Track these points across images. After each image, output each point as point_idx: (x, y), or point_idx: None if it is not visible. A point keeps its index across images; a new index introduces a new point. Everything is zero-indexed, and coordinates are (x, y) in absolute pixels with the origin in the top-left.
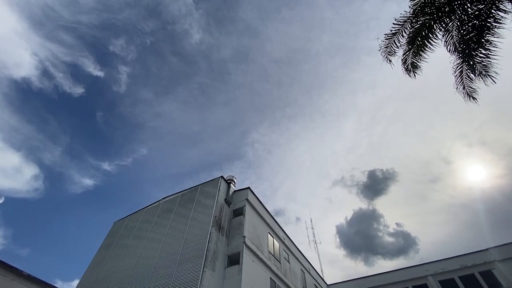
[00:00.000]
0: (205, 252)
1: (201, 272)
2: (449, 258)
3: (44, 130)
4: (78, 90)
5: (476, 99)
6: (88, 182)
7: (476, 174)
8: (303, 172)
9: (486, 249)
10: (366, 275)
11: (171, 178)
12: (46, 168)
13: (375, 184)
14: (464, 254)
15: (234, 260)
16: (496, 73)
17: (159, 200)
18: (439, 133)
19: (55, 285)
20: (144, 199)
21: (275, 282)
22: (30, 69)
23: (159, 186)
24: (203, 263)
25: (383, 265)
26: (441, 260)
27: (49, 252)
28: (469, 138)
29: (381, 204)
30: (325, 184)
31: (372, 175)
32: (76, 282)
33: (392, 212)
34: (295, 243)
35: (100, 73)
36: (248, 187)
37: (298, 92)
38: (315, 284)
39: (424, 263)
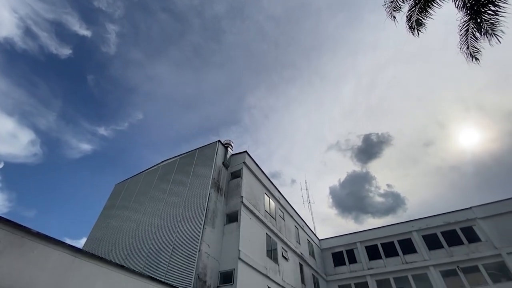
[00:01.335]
0: (205, 211)
1: (202, 228)
2: (433, 215)
3: (34, 94)
4: (65, 51)
5: (478, 59)
6: (86, 147)
7: (469, 138)
8: (300, 136)
9: (470, 208)
10: (355, 231)
11: (169, 143)
12: (42, 134)
13: (369, 148)
14: (448, 212)
15: (232, 218)
16: (502, 31)
17: (157, 164)
18: (438, 97)
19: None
20: (142, 163)
21: (270, 237)
22: (11, 28)
23: (157, 150)
24: (203, 221)
25: (372, 222)
26: (426, 217)
27: (55, 214)
28: (467, 102)
29: (374, 167)
30: (320, 148)
31: (367, 139)
32: (83, 240)
33: (384, 174)
34: (290, 202)
35: (86, 33)
36: (245, 151)
37: (296, 53)
38: (307, 239)
39: (410, 220)
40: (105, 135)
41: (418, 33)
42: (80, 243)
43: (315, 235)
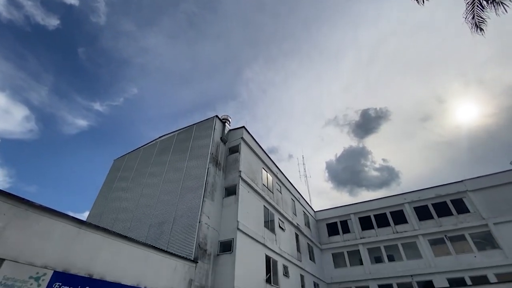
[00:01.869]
0: (204, 185)
1: (201, 201)
2: (426, 188)
3: (24, 68)
4: (53, 21)
5: (483, 30)
6: (82, 123)
7: (466, 113)
8: (298, 111)
9: (461, 181)
10: (350, 203)
11: (165, 119)
12: (35, 109)
13: (367, 123)
14: (440, 185)
15: (231, 191)
16: (510, 0)
17: (156, 139)
18: (438, 71)
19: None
20: (140, 139)
21: (268, 209)
22: None
23: (154, 126)
24: (202, 194)
25: (367, 195)
26: (418, 190)
27: (57, 189)
28: (467, 76)
29: (371, 142)
30: (318, 124)
31: (365, 114)
32: (86, 214)
33: (380, 149)
34: (287, 176)
35: (74, 1)
36: (243, 126)
37: (295, 25)
38: (303, 211)
39: (403, 193)
40: (100, 111)
41: (423, 1)
42: (83, 216)
43: (310, 207)
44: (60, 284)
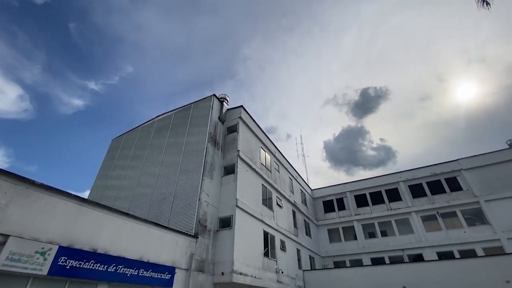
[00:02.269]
0: (203, 164)
1: (201, 180)
2: (421, 167)
3: (15, 45)
4: None
5: (489, 4)
6: (78, 102)
7: (466, 93)
8: (296, 91)
9: (456, 160)
10: (346, 182)
11: (162, 98)
12: (29, 88)
13: (366, 103)
14: (436, 164)
15: (229, 170)
16: None
17: (153, 118)
18: (440, 49)
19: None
20: (137, 118)
21: (266, 188)
22: None
23: (151, 105)
24: (201, 173)
25: (363, 174)
26: (414, 169)
27: (56, 169)
28: (470, 54)
29: (369, 122)
30: (317, 103)
31: (364, 93)
32: (87, 193)
33: (378, 129)
34: (285, 156)
35: None
36: (241, 106)
37: None
38: (300, 189)
39: (399, 172)
40: (96, 90)
41: None
42: (84, 195)
43: (308, 185)
44: (66, 258)
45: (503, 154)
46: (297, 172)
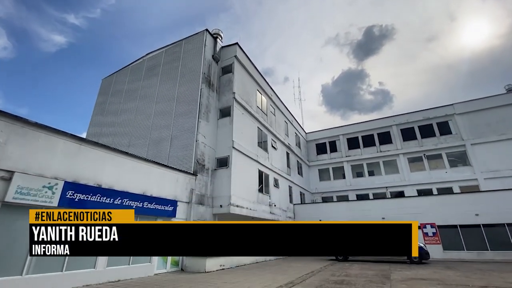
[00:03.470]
0: (198, 106)
1: (197, 122)
2: (415, 111)
3: None
4: None
5: None
6: (59, 39)
7: (475, 34)
8: (296, 28)
9: (451, 104)
10: (340, 125)
11: (151, 34)
12: (3, 22)
13: (369, 43)
14: (430, 108)
15: (225, 112)
16: None
17: (143, 57)
18: None
19: None
20: (125, 56)
21: (261, 130)
22: None
23: (139, 43)
24: (197, 115)
25: (358, 119)
26: (408, 113)
27: (48, 111)
28: None
29: (370, 64)
30: (317, 43)
31: (369, 32)
32: (84, 135)
33: (378, 72)
34: (281, 99)
35: None
36: (237, 43)
37: None
38: (295, 132)
39: (392, 116)
40: (77, 25)
41: None
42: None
43: (302, 129)
44: (73, 192)
45: (497, 99)
46: (292, 116)
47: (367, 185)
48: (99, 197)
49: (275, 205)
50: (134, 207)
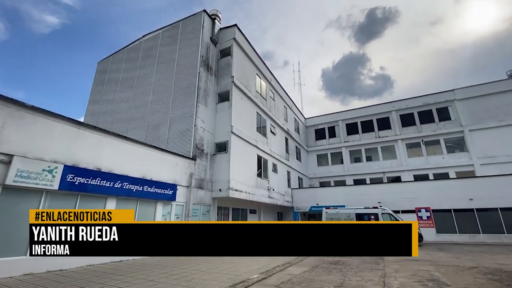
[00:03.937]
0: (196, 90)
1: (195, 107)
2: (415, 97)
3: None
4: None
5: None
6: (52, 19)
7: (480, 17)
8: (297, 9)
9: (452, 90)
10: (340, 111)
11: (146, 15)
12: None
13: (371, 26)
14: (430, 94)
15: (224, 97)
16: None
17: (139, 39)
18: None
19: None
20: (121, 38)
21: (260, 115)
22: None
23: (135, 24)
24: (195, 99)
25: (357, 104)
26: (408, 98)
27: (45, 94)
28: None
29: (372, 48)
30: (318, 26)
31: (371, 14)
32: (82, 119)
33: (380, 56)
34: (281, 84)
35: None
36: (235, 25)
37: None
38: (294, 118)
39: (392, 101)
40: (71, 5)
41: None
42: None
43: (302, 114)
44: (73, 175)
45: (498, 85)
46: (292, 101)
47: (365, 170)
48: (99, 181)
49: (273, 190)
50: (134, 190)
